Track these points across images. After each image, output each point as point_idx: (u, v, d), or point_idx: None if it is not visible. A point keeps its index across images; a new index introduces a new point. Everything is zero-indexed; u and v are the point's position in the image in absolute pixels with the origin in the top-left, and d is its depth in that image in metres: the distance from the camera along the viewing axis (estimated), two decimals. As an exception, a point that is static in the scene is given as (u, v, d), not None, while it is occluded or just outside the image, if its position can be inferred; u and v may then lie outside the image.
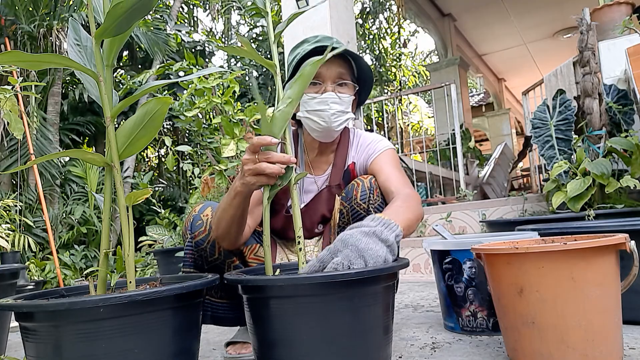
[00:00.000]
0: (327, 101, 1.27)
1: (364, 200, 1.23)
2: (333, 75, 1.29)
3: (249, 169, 0.97)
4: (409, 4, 6.91)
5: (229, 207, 1.09)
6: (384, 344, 0.96)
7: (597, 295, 0.95)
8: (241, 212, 1.10)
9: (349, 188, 1.28)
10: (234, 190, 1.05)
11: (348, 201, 1.27)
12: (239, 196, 1.05)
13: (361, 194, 1.24)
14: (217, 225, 1.16)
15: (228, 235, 1.17)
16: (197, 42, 7.44)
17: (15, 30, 5.19)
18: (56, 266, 3.58)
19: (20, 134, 2.85)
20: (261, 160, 0.95)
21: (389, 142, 1.40)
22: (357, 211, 1.24)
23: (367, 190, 1.24)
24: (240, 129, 3.00)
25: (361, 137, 1.42)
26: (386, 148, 1.36)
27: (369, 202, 1.23)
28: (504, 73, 10.11)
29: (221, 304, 1.34)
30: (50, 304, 0.76)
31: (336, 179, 1.36)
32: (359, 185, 1.25)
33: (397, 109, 8.41)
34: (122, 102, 0.91)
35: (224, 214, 1.12)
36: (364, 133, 1.43)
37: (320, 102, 1.28)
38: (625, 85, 2.71)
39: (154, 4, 0.85)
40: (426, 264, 3.13)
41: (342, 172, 1.37)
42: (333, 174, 1.38)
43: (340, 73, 1.30)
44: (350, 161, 1.39)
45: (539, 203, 3.25)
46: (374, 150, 1.36)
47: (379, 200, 1.24)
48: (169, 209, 4.70)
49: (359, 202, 1.23)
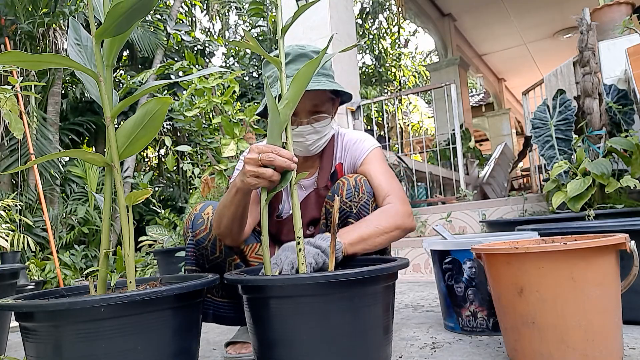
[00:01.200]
0: (302, 134, 1.29)
1: (349, 198, 1.24)
2: (307, 109, 1.29)
3: (252, 171, 0.97)
4: (409, 4, 6.91)
5: (230, 204, 1.11)
6: (384, 344, 0.96)
7: (597, 295, 0.95)
8: (242, 208, 1.12)
9: (335, 187, 1.29)
10: (235, 187, 1.06)
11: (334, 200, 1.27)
12: (240, 193, 1.06)
13: (347, 192, 1.24)
14: (219, 223, 1.18)
15: (230, 232, 1.19)
16: (197, 42, 7.44)
17: (15, 30, 5.19)
18: (56, 266, 3.58)
19: (20, 133, 2.85)
20: (264, 162, 0.96)
21: (374, 139, 1.41)
22: (344, 209, 1.24)
23: (352, 189, 1.24)
24: (240, 129, 3.00)
25: (345, 136, 1.42)
26: (372, 148, 1.37)
27: (354, 200, 1.24)
28: (504, 73, 10.11)
29: (223, 303, 1.34)
30: (50, 304, 0.76)
31: (324, 181, 1.37)
32: (344, 184, 1.26)
33: (397, 109, 8.42)
34: (122, 102, 0.91)
35: (225, 211, 1.14)
36: (347, 132, 1.43)
37: (296, 135, 1.29)
38: (625, 85, 2.71)
39: (154, 3, 0.85)
40: (426, 264, 3.12)
41: (329, 174, 1.38)
42: (320, 177, 1.38)
43: (314, 105, 1.29)
44: (337, 162, 1.40)
45: (539, 203, 3.25)
46: (361, 151, 1.37)
47: (364, 197, 1.25)
48: (169, 209, 4.70)
49: (345, 200, 1.24)
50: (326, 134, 1.33)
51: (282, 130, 0.99)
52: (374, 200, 1.25)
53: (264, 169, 0.97)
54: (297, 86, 0.95)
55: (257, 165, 0.97)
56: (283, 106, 0.96)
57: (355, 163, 1.37)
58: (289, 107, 0.96)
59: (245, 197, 1.08)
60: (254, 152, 0.98)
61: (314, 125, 1.29)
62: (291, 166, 0.97)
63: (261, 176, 0.97)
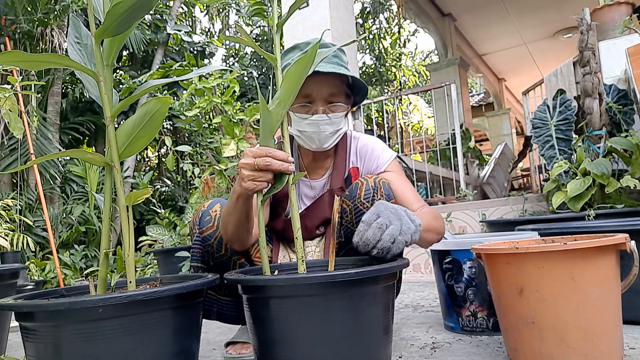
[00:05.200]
0: (317, 124, 1.27)
1: (367, 199, 1.22)
2: (324, 96, 1.27)
3: (248, 175, 0.97)
4: (409, 3, 6.90)
5: (234, 211, 1.09)
6: (384, 344, 0.96)
7: (597, 295, 0.95)
8: (245, 213, 1.10)
9: (353, 187, 1.27)
10: (236, 193, 1.05)
11: (352, 200, 1.26)
12: (241, 198, 1.05)
13: (365, 192, 1.23)
14: (225, 230, 1.17)
15: (237, 238, 1.17)
16: (196, 43, 7.43)
17: (14, 29, 5.19)
18: (56, 266, 3.58)
19: (20, 133, 2.85)
20: (260, 166, 0.95)
21: (390, 149, 1.41)
22: (361, 210, 1.22)
23: (371, 190, 1.23)
24: (240, 129, 3.00)
25: (359, 141, 1.41)
26: (392, 159, 1.38)
27: (373, 201, 1.22)
28: (504, 73, 10.10)
29: (227, 302, 1.35)
30: (50, 304, 0.76)
31: (338, 182, 1.36)
32: (362, 184, 1.25)
33: (397, 108, 8.41)
34: (122, 101, 0.91)
35: (229, 218, 1.12)
36: (361, 136, 1.43)
37: (310, 124, 1.27)
38: (625, 85, 2.71)
39: (154, 3, 0.85)
40: (426, 264, 3.12)
41: (343, 176, 1.37)
42: (334, 178, 1.37)
43: (331, 93, 1.28)
44: (351, 165, 1.39)
45: (539, 203, 3.25)
46: (381, 161, 1.37)
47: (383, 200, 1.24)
48: (169, 209, 4.70)
49: (363, 200, 1.23)
50: (340, 128, 1.32)
51: (274, 131, 0.98)
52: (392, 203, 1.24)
53: (261, 173, 0.96)
54: (289, 84, 0.94)
55: (253, 169, 0.96)
56: (275, 105, 0.94)
57: (374, 172, 1.36)
58: (281, 106, 0.95)
59: (247, 202, 1.07)
60: (249, 156, 0.97)
61: (329, 116, 1.27)
62: (288, 169, 0.96)
63: (258, 180, 0.96)
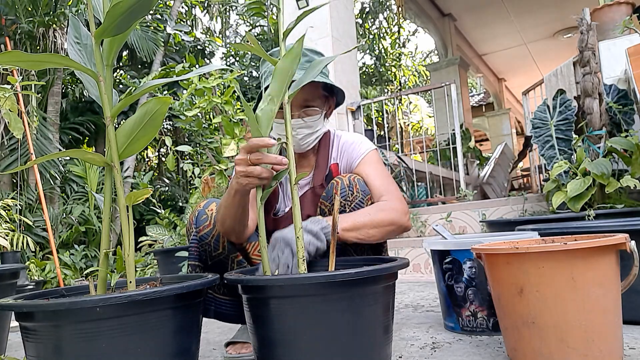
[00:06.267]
0: (293, 127, 1.29)
1: (343, 196, 1.25)
2: (298, 102, 1.29)
3: (242, 171, 0.99)
4: (409, 4, 6.91)
5: (231, 205, 1.13)
6: (384, 344, 0.96)
7: (597, 295, 0.95)
8: (242, 208, 1.14)
9: (329, 187, 1.30)
10: (233, 189, 1.08)
11: (329, 200, 1.29)
12: (238, 194, 1.08)
13: (341, 191, 1.25)
14: (222, 223, 1.21)
15: (234, 231, 1.22)
16: (197, 42, 7.43)
17: (15, 29, 5.19)
18: (56, 266, 3.57)
19: (20, 133, 2.85)
20: (253, 161, 0.97)
21: (370, 142, 1.42)
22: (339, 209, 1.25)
23: (346, 188, 1.25)
24: (241, 129, 3.00)
25: (342, 138, 1.43)
26: (368, 150, 1.38)
27: (348, 199, 1.24)
28: (504, 73, 10.11)
29: (225, 301, 1.35)
30: (50, 304, 0.76)
31: (319, 179, 1.38)
32: (338, 183, 1.27)
33: (397, 108, 8.42)
34: (122, 101, 0.91)
35: (227, 211, 1.16)
36: (344, 134, 1.45)
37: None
38: (625, 85, 2.71)
39: (153, 3, 0.85)
40: (426, 264, 3.12)
41: (324, 173, 1.39)
42: (316, 176, 1.39)
43: (305, 99, 1.30)
44: (332, 162, 1.41)
45: (539, 203, 3.25)
46: (357, 153, 1.38)
47: (359, 196, 1.25)
48: (169, 209, 4.69)
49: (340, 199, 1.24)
50: (318, 129, 1.35)
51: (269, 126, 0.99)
52: (368, 199, 1.26)
53: (253, 167, 0.98)
54: (280, 79, 0.96)
55: (246, 164, 0.98)
56: (267, 103, 0.96)
57: (351, 164, 1.38)
58: (273, 102, 0.97)
59: (244, 197, 1.10)
60: (243, 152, 0.99)
61: (305, 120, 1.30)
62: (282, 161, 0.98)
63: (251, 175, 0.98)
